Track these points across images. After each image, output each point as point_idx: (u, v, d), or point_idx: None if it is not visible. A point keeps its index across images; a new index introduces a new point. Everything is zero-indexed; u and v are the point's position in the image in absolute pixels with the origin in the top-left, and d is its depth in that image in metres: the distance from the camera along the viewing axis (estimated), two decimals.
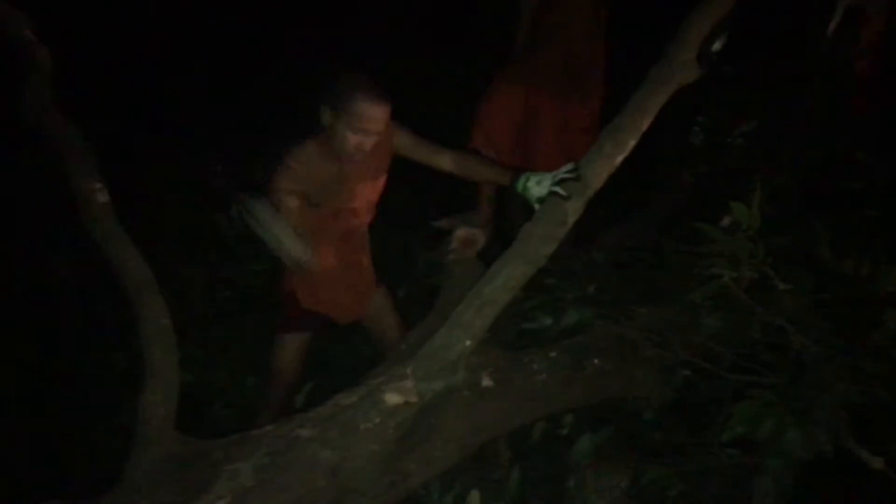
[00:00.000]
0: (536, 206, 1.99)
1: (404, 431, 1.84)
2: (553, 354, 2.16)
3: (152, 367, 1.86)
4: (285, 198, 2.20)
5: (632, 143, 1.95)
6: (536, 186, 1.99)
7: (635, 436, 2.19)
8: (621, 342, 2.20)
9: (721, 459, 1.88)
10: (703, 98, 4.13)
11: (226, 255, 3.15)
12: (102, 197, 2.13)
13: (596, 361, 2.17)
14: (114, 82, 3.95)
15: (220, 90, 4.13)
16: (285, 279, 2.49)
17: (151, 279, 2.00)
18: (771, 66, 3.79)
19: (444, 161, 2.32)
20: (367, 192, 2.38)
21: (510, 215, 3.27)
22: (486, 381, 2.04)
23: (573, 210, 1.92)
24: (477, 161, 2.43)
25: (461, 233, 2.78)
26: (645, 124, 1.96)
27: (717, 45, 4.58)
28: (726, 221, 2.39)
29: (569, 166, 1.94)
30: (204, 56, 4.19)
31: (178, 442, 1.77)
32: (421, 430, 1.92)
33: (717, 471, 1.89)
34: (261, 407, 2.56)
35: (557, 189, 1.92)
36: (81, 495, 1.71)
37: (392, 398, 1.82)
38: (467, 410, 1.99)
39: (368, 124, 2.09)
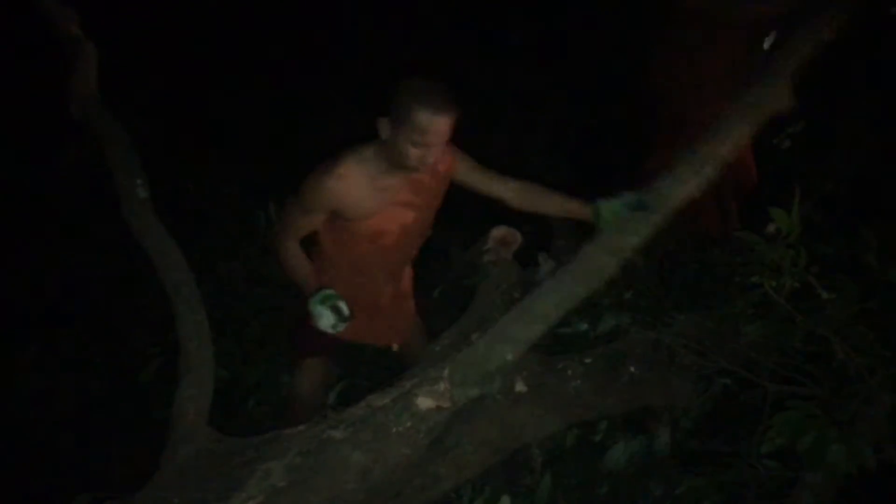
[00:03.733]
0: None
1: (436, 435, 1.83)
2: (588, 360, 2.14)
3: (188, 363, 1.88)
4: (311, 213, 2.09)
5: (709, 170, 1.84)
6: (610, 213, 1.90)
7: (671, 445, 2.15)
8: (658, 349, 2.16)
9: (759, 471, 1.83)
10: None
11: (263, 253, 3.17)
12: (143, 192, 2.15)
13: (632, 369, 2.13)
14: (160, 80, 4.03)
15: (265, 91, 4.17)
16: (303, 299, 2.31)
17: (189, 275, 2.02)
18: (820, 68, 3.70)
19: (509, 191, 2.18)
20: (418, 215, 2.22)
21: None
22: (520, 386, 2.02)
23: (639, 235, 1.84)
24: (545, 192, 2.19)
25: (497, 232, 2.74)
26: (726, 152, 1.85)
27: (765, 45, 4.50)
28: (772, 228, 2.33)
29: (639, 193, 1.87)
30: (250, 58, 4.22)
31: (211, 438, 1.78)
32: (453, 434, 1.91)
33: (755, 482, 1.84)
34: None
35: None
36: (114, 490, 1.75)
37: (425, 402, 1.80)
38: (500, 415, 1.98)
39: (431, 137, 1.92)
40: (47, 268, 3.02)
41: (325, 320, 2.08)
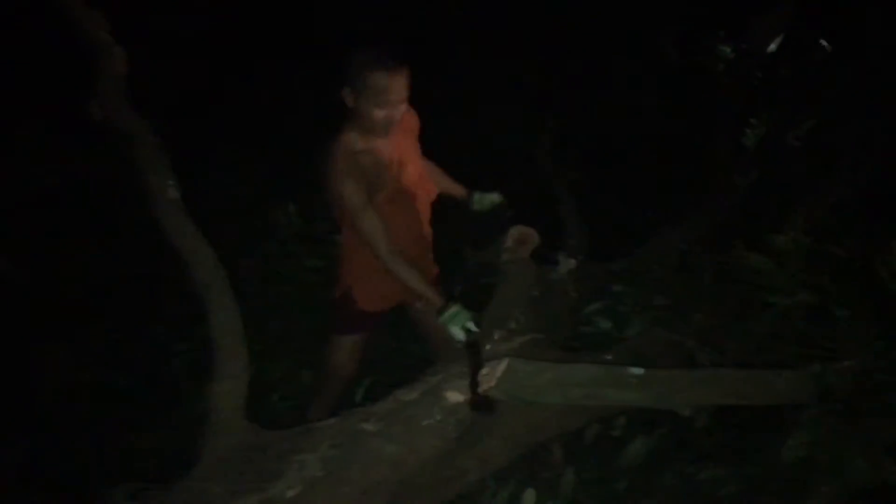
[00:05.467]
0: None
1: (464, 429, 1.88)
2: (609, 358, 2.19)
3: (222, 358, 1.92)
4: (367, 209, 2.21)
5: None
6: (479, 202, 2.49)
7: (687, 440, 2.20)
8: (677, 348, 2.21)
9: (776, 470, 1.88)
10: (757, 99, 4.11)
11: (281, 251, 3.22)
12: (174, 193, 2.19)
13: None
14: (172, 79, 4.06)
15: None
16: (341, 279, 2.51)
17: (222, 273, 2.07)
18: (831, 67, 3.75)
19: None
20: (414, 165, 2.39)
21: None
22: None
23: None
24: (441, 173, 2.55)
25: (515, 232, 2.78)
26: None
27: (772, 47, 4.54)
28: (788, 237, 2.38)
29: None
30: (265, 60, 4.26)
31: (247, 431, 1.83)
32: (479, 428, 1.96)
33: (773, 477, 1.89)
34: (315, 401, 2.62)
35: None
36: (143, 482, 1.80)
37: (453, 396, 1.86)
38: (525, 410, 2.02)
39: (390, 94, 2.10)
40: (77, 265, 3.08)
41: (458, 333, 2.23)
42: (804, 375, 1.77)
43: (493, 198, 2.54)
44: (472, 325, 2.22)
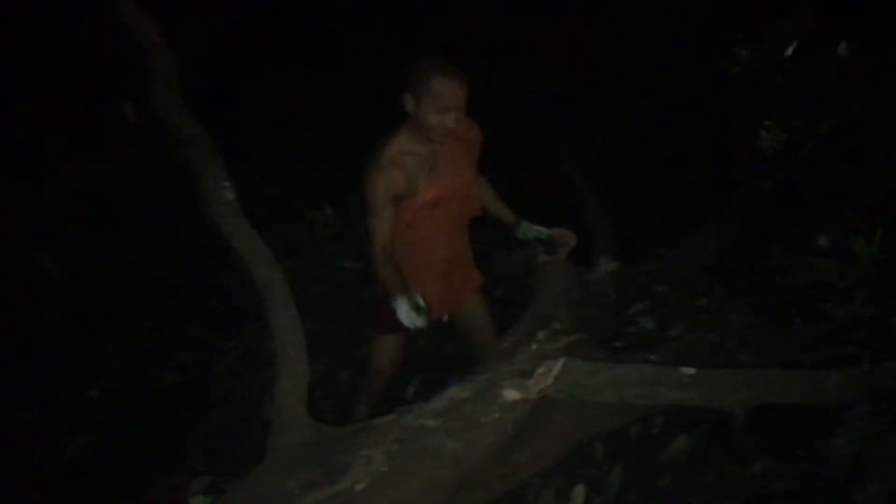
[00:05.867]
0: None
1: (520, 427, 1.94)
2: (653, 357, 2.24)
3: (284, 357, 1.98)
4: (385, 209, 2.29)
5: None
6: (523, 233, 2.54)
7: (728, 437, 2.25)
8: (719, 348, 2.27)
9: (824, 467, 1.92)
10: (776, 102, 4.16)
11: (318, 252, 3.27)
12: (230, 194, 2.26)
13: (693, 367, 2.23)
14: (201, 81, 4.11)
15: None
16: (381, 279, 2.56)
17: (280, 272, 2.13)
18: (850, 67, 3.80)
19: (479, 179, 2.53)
20: (462, 178, 2.44)
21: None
22: None
23: None
24: (495, 194, 2.63)
25: (553, 234, 2.82)
26: None
27: (788, 51, 4.58)
28: (823, 241, 2.43)
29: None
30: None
31: (312, 427, 1.89)
32: (531, 425, 2.01)
33: (821, 474, 1.94)
34: (358, 399, 2.66)
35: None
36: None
37: (510, 394, 1.91)
38: (574, 408, 2.07)
39: (447, 101, 2.19)
40: (123, 265, 3.13)
41: (408, 320, 2.25)
42: (853, 375, 1.83)
43: (539, 232, 2.61)
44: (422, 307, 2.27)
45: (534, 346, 2.24)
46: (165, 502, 2.42)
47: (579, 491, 2.06)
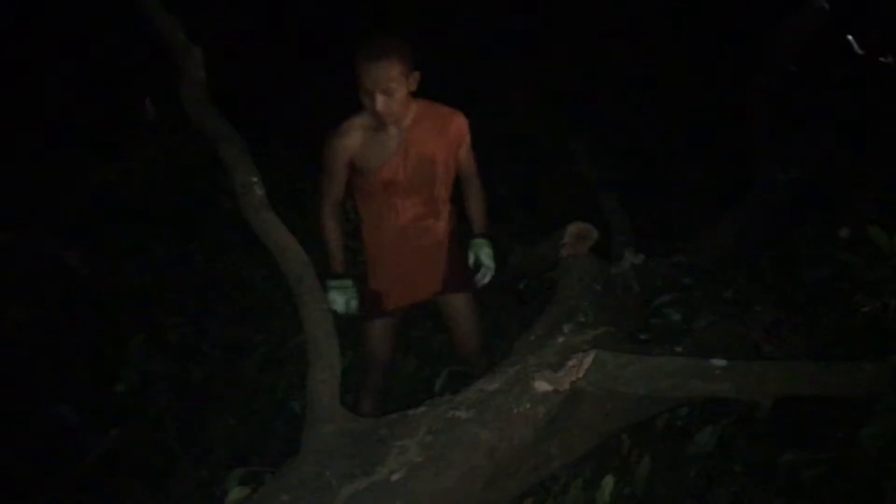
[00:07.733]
0: None
1: (551, 418, 1.96)
2: (679, 349, 2.26)
3: (317, 350, 2.01)
4: (335, 171, 2.39)
5: None
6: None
7: (752, 429, 2.27)
8: (744, 340, 2.28)
9: (854, 457, 1.93)
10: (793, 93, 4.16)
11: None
12: (260, 189, 2.28)
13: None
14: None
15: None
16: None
17: (311, 267, 2.15)
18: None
19: (464, 181, 2.56)
20: (423, 166, 2.40)
21: None
22: None
23: None
24: (478, 198, 2.61)
25: (574, 228, 2.83)
26: None
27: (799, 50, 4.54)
28: (844, 233, 2.44)
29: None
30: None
31: (346, 418, 1.91)
32: (562, 416, 2.03)
33: (852, 464, 1.95)
34: (361, 392, 2.58)
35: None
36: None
37: (542, 385, 1.93)
38: (603, 400, 2.09)
39: (369, 84, 2.17)
40: (151, 262, 3.16)
41: (337, 305, 2.39)
42: (884, 367, 1.84)
43: (480, 257, 2.59)
44: (351, 296, 2.43)
45: (560, 339, 2.26)
46: (195, 495, 2.47)
47: (607, 482, 2.07)
